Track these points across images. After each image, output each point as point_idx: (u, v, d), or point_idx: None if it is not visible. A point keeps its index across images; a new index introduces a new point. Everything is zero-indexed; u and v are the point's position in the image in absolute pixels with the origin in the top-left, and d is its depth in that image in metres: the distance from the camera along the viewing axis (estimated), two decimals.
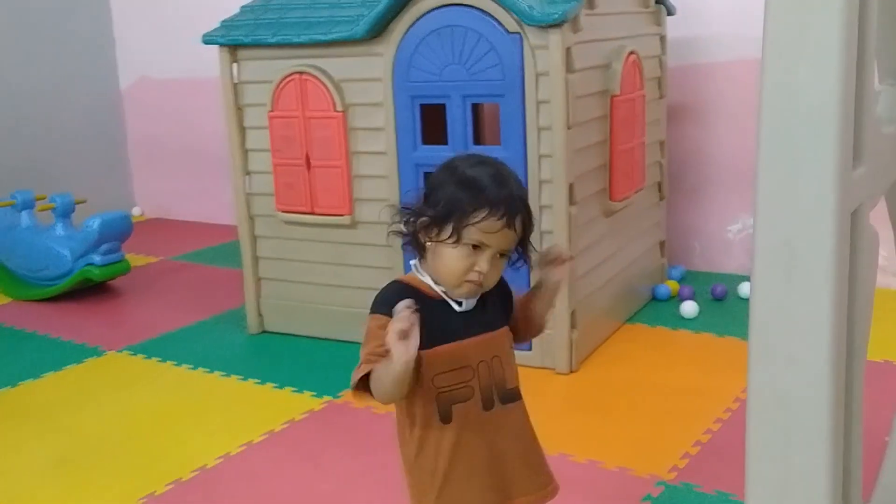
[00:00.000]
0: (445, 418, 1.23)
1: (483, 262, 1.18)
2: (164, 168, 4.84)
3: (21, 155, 4.36)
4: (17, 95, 4.39)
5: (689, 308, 2.83)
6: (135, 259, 3.95)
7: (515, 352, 1.33)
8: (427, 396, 1.23)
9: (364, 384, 1.20)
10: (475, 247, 1.18)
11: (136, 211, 4.96)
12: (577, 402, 2.34)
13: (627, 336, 2.75)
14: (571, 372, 2.47)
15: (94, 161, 4.74)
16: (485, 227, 1.17)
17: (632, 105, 2.66)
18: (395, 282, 1.27)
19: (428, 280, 1.24)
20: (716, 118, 3.26)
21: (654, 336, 2.73)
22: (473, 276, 1.19)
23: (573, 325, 2.46)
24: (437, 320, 1.20)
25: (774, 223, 0.97)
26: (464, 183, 1.19)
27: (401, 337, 1.09)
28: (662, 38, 2.96)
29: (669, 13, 2.96)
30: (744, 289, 2.99)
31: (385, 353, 1.13)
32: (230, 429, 2.23)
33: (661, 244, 3.14)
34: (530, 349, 2.49)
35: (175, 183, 4.81)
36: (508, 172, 1.23)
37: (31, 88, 4.46)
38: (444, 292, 1.23)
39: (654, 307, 2.98)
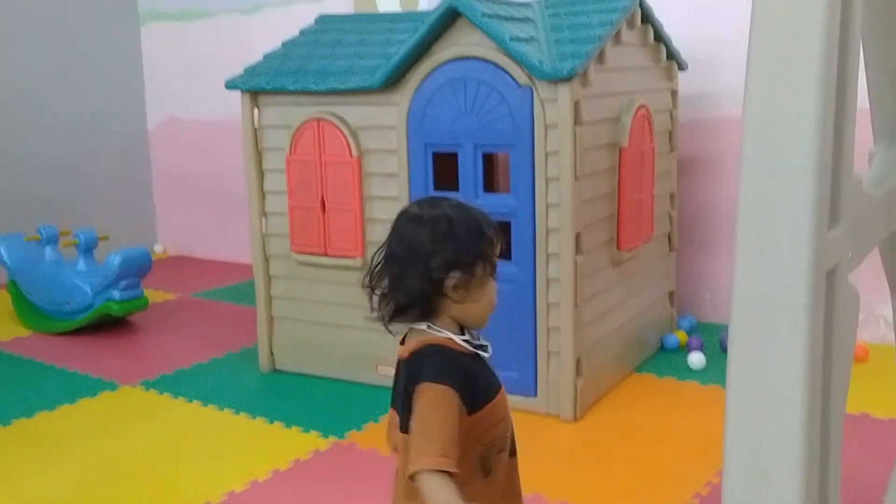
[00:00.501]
0: (488, 471, 1.20)
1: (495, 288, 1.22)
2: (188, 206, 4.94)
3: (50, 190, 4.49)
4: (48, 132, 4.53)
5: (697, 359, 2.85)
6: (154, 295, 4.03)
7: (521, 398, 1.35)
8: (468, 455, 1.15)
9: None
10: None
11: (157, 248, 5.06)
12: (581, 449, 2.35)
13: (635, 385, 2.76)
14: (576, 419, 2.49)
15: (119, 198, 4.85)
16: (496, 253, 1.20)
17: (641, 158, 2.71)
18: (434, 346, 1.19)
19: (449, 335, 1.19)
20: (727, 171, 3.30)
21: (662, 386, 2.75)
22: (495, 304, 1.22)
23: (578, 373, 2.49)
24: (480, 377, 1.20)
25: (752, 277, 1.00)
26: (464, 223, 1.19)
27: None
28: (674, 93, 3.02)
29: (681, 68, 3.03)
30: None
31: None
32: (237, 466, 2.27)
33: (671, 294, 3.16)
34: (535, 395, 2.52)
35: (197, 221, 4.91)
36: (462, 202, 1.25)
37: (62, 126, 4.60)
38: (467, 342, 1.20)
39: (663, 357, 3.00)
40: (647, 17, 2.71)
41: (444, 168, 2.57)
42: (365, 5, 3.96)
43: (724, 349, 3.00)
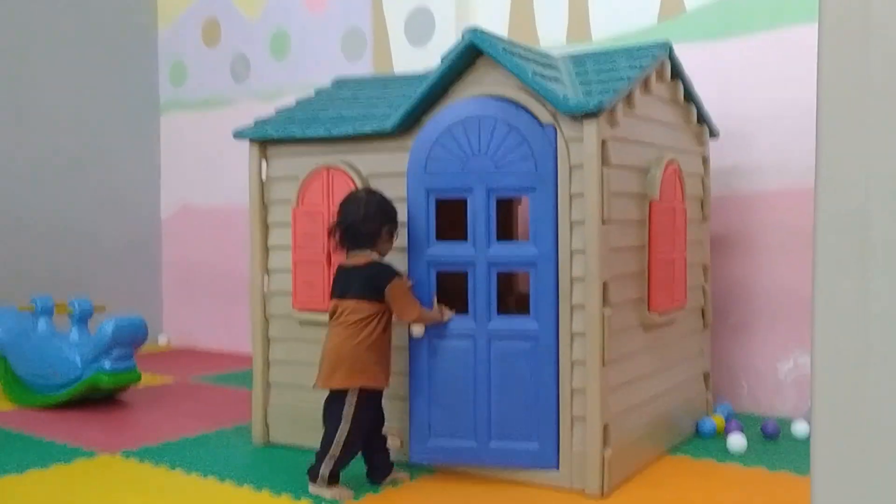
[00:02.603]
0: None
1: None
2: (195, 297, 4.78)
3: (57, 268, 4.37)
4: (62, 212, 4.46)
5: (736, 442, 2.56)
6: (151, 378, 3.81)
7: (541, 472, 2.16)
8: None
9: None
10: None
11: (161, 339, 4.86)
12: None
13: (668, 465, 2.47)
14: (604, 496, 2.19)
15: (127, 287, 4.71)
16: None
17: (672, 214, 2.53)
18: (378, 261, 2.28)
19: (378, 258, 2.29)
20: (762, 250, 3.10)
21: (699, 468, 2.45)
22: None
23: (606, 442, 2.21)
24: None
25: (842, 195, 0.80)
26: (389, 201, 2.30)
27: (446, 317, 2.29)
28: (705, 160, 2.87)
29: (713, 134, 2.89)
30: (798, 428, 2.71)
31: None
32: None
33: (706, 376, 2.90)
34: (557, 468, 2.24)
35: (203, 312, 4.74)
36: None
37: (76, 208, 4.53)
38: None
39: (699, 442, 2.71)
40: (677, 73, 2.60)
41: (447, 213, 2.39)
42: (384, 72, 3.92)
43: (767, 436, 2.70)
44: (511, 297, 2.75)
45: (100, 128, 4.67)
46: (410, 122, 2.41)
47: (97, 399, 3.33)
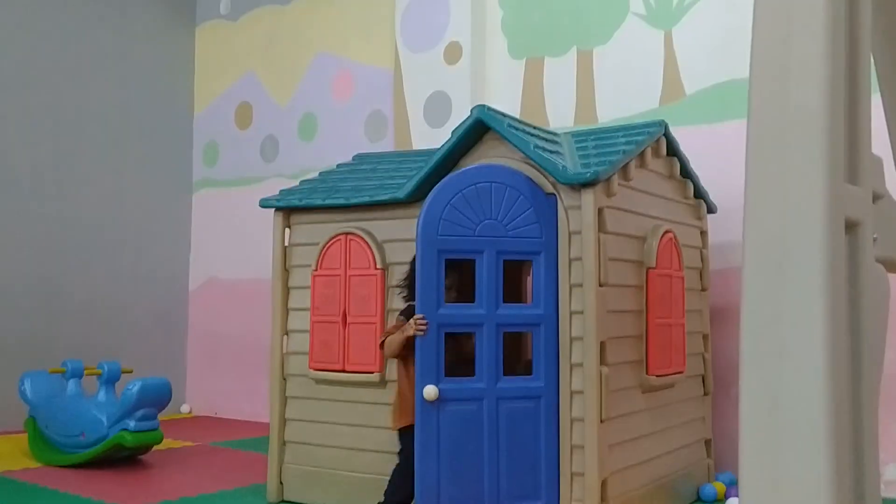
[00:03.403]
0: None
1: None
2: (218, 368, 4.92)
3: (86, 338, 4.54)
4: (93, 283, 4.66)
5: None
6: (172, 443, 3.92)
7: None
8: None
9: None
10: None
11: (184, 408, 4.99)
12: None
13: None
14: None
15: (153, 356, 4.86)
16: None
17: (669, 282, 2.66)
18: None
19: None
20: None
21: None
22: None
23: (604, 499, 2.30)
24: None
25: (765, 218, 0.95)
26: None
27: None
28: (703, 233, 3.02)
29: (710, 210, 3.04)
30: None
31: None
32: None
33: (708, 442, 2.97)
34: None
35: (226, 383, 4.87)
36: None
37: (112, 281, 4.74)
38: None
39: None
40: (672, 151, 2.77)
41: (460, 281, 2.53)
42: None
43: None
44: (520, 365, 2.86)
45: (136, 204, 4.92)
46: (423, 191, 2.58)
47: (120, 459, 3.44)
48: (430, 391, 2.29)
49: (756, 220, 0.93)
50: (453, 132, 2.50)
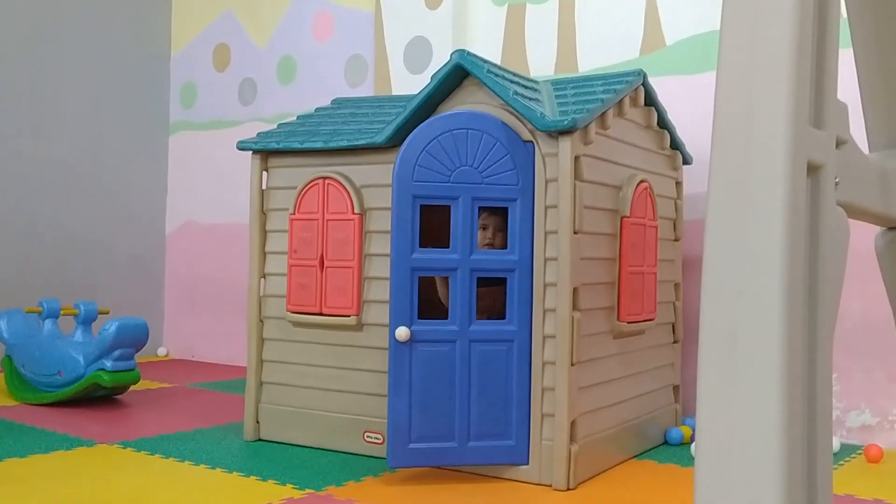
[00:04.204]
0: None
1: None
2: (195, 311, 4.94)
3: (62, 279, 4.53)
4: (74, 225, 4.63)
5: None
6: (149, 384, 3.96)
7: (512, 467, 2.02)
8: None
9: None
10: None
11: (161, 351, 5.02)
12: None
13: (633, 467, 2.61)
14: (569, 489, 2.34)
15: (130, 298, 4.87)
16: None
17: (642, 231, 2.70)
18: None
19: None
20: None
21: (664, 470, 2.60)
22: None
23: (573, 439, 2.36)
24: None
25: (729, 157, 0.97)
26: None
27: None
28: (678, 184, 3.05)
29: (686, 161, 3.07)
30: None
31: None
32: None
33: (676, 388, 3.05)
34: (528, 464, 2.38)
35: (203, 326, 4.89)
36: None
37: (83, 221, 4.71)
38: None
39: (666, 449, 2.85)
40: (650, 101, 2.79)
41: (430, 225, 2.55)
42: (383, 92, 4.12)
43: None
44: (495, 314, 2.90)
45: (112, 145, 4.87)
46: (401, 136, 2.59)
47: (98, 398, 3.48)
48: (401, 332, 2.35)
49: (721, 159, 0.95)
50: (432, 77, 2.50)
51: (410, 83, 3.96)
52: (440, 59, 3.81)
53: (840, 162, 1.10)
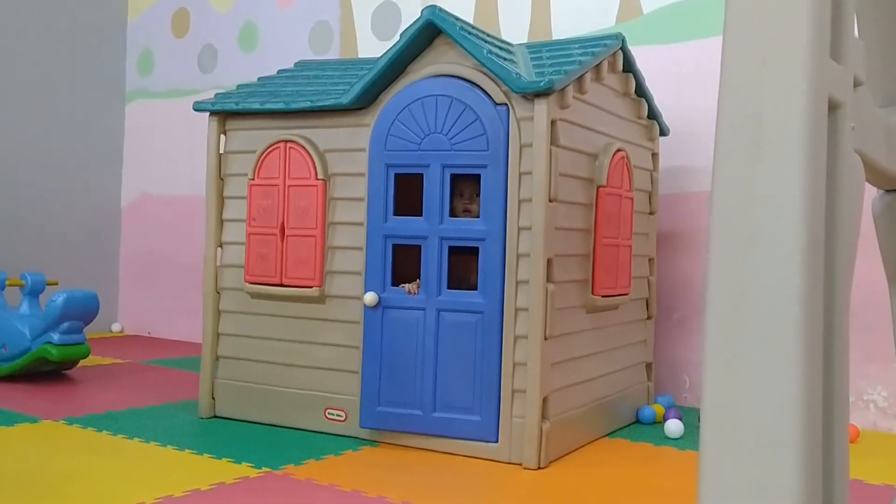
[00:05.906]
0: None
1: None
2: (151, 286, 4.76)
3: (12, 251, 4.32)
4: (21, 196, 4.42)
5: (674, 427, 2.62)
6: (101, 360, 3.79)
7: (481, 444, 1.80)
8: None
9: None
10: None
11: (115, 327, 4.84)
12: (544, 499, 2.09)
13: (606, 446, 2.52)
14: (540, 468, 2.24)
15: (83, 273, 4.68)
16: None
17: (618, 201, 2.60)
18: None
19: None
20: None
21: (636, 449, 2.51)
22: None
23: (544, 416, 2.26)
24: None
25: (741, 91, 0.85)
26: None
27: None
28: (654, 155, 2.96)
29: (663, 132, 2.97)
30: None
31: None
32: (153, 484, 2.00)
33: (648, 366, 2.97)
34: (497, 441, 2.28)
35: (159, 301, 4.72)
36: None
37: (35, 192, 4.50)
38: None
39: (638, 428, 2.77)
40: (629, 67, 2.68)
41: (407, 193, 2.44)
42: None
43: None
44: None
45: (65, 114, 4.66)
46: (368, 98, 2.46)
47: (45, 373, 3.31)
48: (369, 297, 2.32)
49: (731, 92, 0.84)
50: (402, 34, 2.37)
51: (378, 50, 3.79)
52: (409, 24, 3.66)
53: (856, 106, 1.00)
